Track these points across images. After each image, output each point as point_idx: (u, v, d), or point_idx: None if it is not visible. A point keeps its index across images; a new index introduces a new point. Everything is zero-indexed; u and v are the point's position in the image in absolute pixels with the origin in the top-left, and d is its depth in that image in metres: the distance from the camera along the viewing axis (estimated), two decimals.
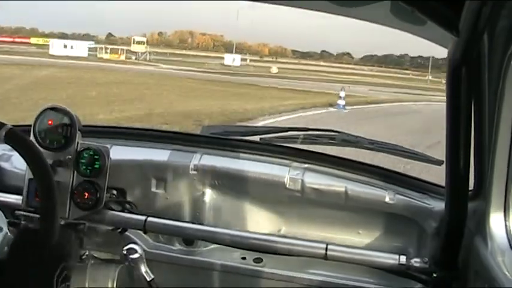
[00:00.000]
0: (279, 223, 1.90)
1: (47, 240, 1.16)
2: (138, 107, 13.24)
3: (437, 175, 1.62)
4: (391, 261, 1.61)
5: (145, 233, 1.87)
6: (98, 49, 40.21)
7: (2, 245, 1.36)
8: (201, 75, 27.13)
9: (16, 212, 1.72)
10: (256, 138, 1.99)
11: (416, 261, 1.59)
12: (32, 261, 1.12)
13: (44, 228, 1.18)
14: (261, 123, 11.54)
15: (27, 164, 1.37)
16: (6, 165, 2.01)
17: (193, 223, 1.84)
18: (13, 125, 1.39)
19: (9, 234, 1.36)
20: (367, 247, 1.68)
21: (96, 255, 1.93)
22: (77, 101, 11.45)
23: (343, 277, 1.82)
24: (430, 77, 34.58)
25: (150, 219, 1.75)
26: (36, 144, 1.56)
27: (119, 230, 1.84)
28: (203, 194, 1.91)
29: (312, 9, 1.51)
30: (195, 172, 1.90)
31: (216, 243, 1.87)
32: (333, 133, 1.94)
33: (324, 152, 1.95)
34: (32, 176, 1.47)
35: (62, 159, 1.72)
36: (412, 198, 1.76)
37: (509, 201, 1.34)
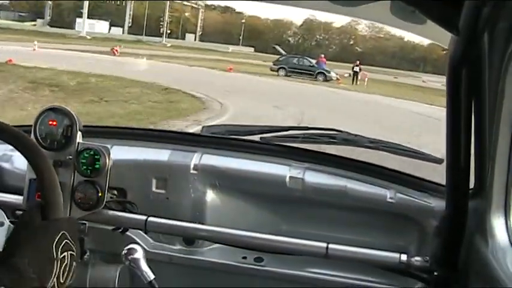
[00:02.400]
0: (280, 222, 1.91)
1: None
2: None
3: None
4: (392, 260, 1.61)
5: (146, 233, 1.87)
6: None
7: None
8: None
9: (17, 212, 1.72)
10: (257, 137, 1.99)
11: (416, 260, 1.59)
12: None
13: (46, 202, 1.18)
14: None
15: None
16: (6, 165, 2.01)
17: (194, 223, 1.84)
18: (14, 126, 1.39)
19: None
20: (368, 246, 1.68)
21: (96, 255, 1.93)
22: None
23: (344, 276, 1.82)
24: None
25: (150, 219, 1.75)
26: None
27: (120, 230, 1.85)
28: (204, 193, 1.91)
29: (312, 9, 1.51)
30: (195, 172, 1.90)
31: (217, 243, 1.87)
32: (333, 132, 1.95)
33: (324, 151, 1.96)
34: (33, 176, 1.47)
35: (62, 160, 1.72)
36: (413, 197, 1.76)
37: (509, 199, 1.34)
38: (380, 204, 1.78)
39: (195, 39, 64.72)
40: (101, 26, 57.30)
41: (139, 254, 1.69)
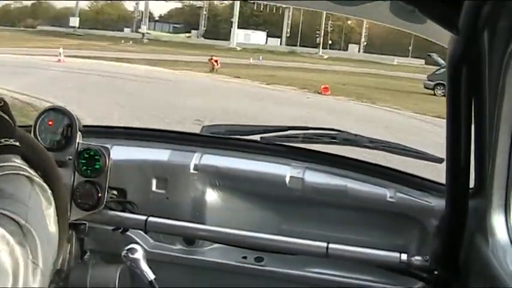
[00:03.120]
0: (280, 222, 1.90)
1: None
2: None
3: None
4: (392, 259, 1.61)
5: (146, 233, 1.87)
6: None
7: None
8: None
9: None
10: (257, 137, 1.99)
11: (417, 259, 1.59)
12: None
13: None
14: None
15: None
16: None
17: (194, 223, 1.84)
18: None
19: None
20: (368, 245, 1.68)
21: (97, 256, 1.94)
22: None
23: (344, 275, 1.82)
24: None
25: (150, 219, 1.76)
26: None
27: (120, 230, 1.85)
28: (204, 193, 1.91)
29: (312, 9, 1.51)
30: (195, 172, 1.90)
31: (217, 243, 1.87)
32: (333, 132, 1.94)
33: (324, 150, 1.96)
34: None
35: (62, 160, 1.72)
36: (413, 197, 1.76)
37: (510, 198, 1.34)
38: (380, 203, 1.78)
39: (358, 51, 56.45)
40: (258, 37, 53.19)
41: (139, 254, 1.69)
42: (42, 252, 0.86)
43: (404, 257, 1.60)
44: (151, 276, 1.67)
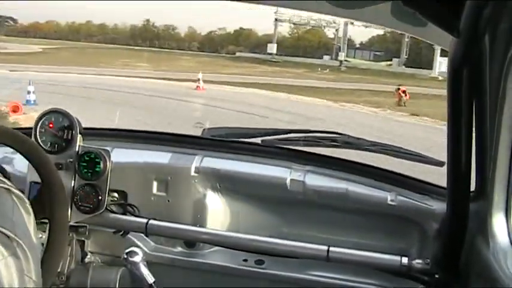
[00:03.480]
0: (281, 225, 1.90)
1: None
2: None
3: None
4: (393, 263, 1.61)
5: (146, 235, 1.87)
6: None
7: None
8: None
9: None
10: (258, 140, 1.99)
11: (418, 263, 1.59)
12: None
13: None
14: None
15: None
16: (7, 167, 2.00)
17: (194, 225, 1.84)
18: (14, 128, 1.39)
19: None
20: (369, 249, 1.68)
21: (97, 258, 1.94)
22: None
23: (345, 279, 1.82)
24: None
25: (151, 222, 1.76)
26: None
27: (121, 233, 1.85)
28: (204, 196, 1.91)
29: (311, 11, 1.51)
30: (196, 174, 1.90)
31: (218, 246, 1.87)
32: (334, 135, 1.94)
33: (325, 153, 1.95)
34: (33, 179, 1.46)
35: (63, 162, 1.72)
36: (414, 200, 1.76)
37: (511, 201, 1.34)
38: (381, 206, 1.78)
39: None
40: None
41: (139, 257, 1.69)
42: (33, 264, 0.86)
43: (405, 260, 1.60)
44: (151, 279, 1.67)
